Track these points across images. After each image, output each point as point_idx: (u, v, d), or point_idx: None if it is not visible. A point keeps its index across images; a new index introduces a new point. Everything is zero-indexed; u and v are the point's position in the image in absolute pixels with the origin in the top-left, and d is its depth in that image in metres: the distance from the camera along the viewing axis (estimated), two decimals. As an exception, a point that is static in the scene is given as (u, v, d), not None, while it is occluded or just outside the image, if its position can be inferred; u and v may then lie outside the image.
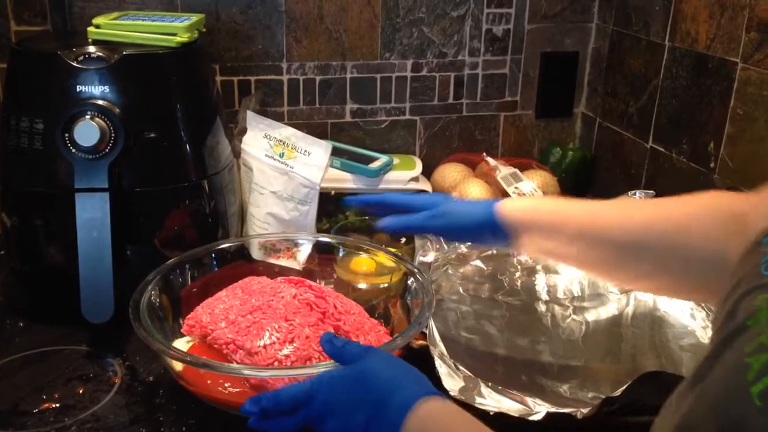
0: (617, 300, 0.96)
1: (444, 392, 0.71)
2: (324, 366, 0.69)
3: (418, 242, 0.98)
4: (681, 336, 0.88)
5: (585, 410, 0.67)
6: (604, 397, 0.69)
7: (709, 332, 0.88)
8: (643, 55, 1.18)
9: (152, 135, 0.86)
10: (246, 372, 0.70)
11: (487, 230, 0.74)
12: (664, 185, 1.14)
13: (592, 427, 0.70)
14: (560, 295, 0.97)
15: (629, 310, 0.94)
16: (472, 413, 0.69)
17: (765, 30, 0.93)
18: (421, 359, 0.76)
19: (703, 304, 0.92)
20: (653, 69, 1.16)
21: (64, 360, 0.83)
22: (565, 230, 0.70)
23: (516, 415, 0.69)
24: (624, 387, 0.68)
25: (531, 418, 0.68)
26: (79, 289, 0.82)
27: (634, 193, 1.07)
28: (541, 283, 1.00)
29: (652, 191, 1.07)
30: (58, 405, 0.75)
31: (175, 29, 0.91)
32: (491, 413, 0.69)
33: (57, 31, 1.09)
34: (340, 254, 0.93)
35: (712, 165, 1.04)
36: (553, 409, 0.69)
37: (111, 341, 0.85)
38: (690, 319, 0.91)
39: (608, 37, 1.28)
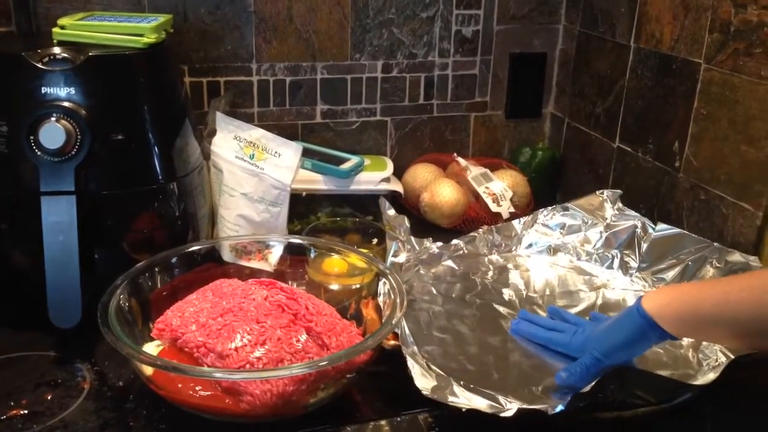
0: (587, 297, 0.98)
1: (416, 391, 0.71)
2: (297, 367, 0.69)
3: (389, 243, 0.98)
4: (649, 332, 0.90)
5: (556, 407, 0.68)
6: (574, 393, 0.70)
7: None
8: (609, 56, 1.20)
9: (119, 137, 0.85)
10: (217, 375, 0.70)
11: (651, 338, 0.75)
12: (630, 184, 1.16)
13: (562, 423, 0.70)
14: (532, 293, 0.98)
15: (598, 305, 0.95)
16: (445, 410, 0.70)
17: (727, 31, 0.95)
18: (393, 359, 0.77)
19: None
20: (619, 70, 1.18)
21: (32, 366, 0.81)
22: (702, 319, 0.72)
23: (488, 411, 0.69)
24: (593, 383, 0.69)
25: (503, 414, 0.69)
26: (45, 294, 0.81)
27: (602, 192, 1.09)
28: (512, 281, 1.01)
29: (619, 190, 1.09)
30: (26, 411, 0.74)
31: (141, 30, 0.90)
32: (463, 410, 0.69)
33: (21, 32, 1.07)
34: (312, 255, 0.93)
35: (677, 164, 1.06)
36: (525, 406, 0.70)
37: (79, 346, 0.83)
38: (657, 315, 0.93)
39: (575, 38, 1.30)
